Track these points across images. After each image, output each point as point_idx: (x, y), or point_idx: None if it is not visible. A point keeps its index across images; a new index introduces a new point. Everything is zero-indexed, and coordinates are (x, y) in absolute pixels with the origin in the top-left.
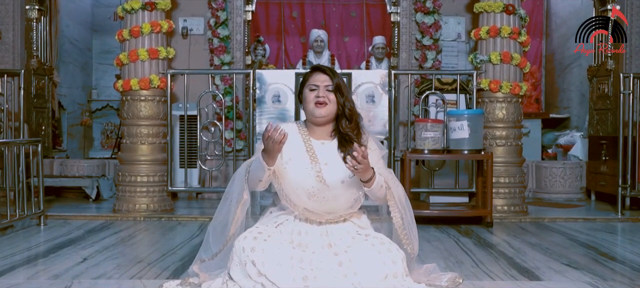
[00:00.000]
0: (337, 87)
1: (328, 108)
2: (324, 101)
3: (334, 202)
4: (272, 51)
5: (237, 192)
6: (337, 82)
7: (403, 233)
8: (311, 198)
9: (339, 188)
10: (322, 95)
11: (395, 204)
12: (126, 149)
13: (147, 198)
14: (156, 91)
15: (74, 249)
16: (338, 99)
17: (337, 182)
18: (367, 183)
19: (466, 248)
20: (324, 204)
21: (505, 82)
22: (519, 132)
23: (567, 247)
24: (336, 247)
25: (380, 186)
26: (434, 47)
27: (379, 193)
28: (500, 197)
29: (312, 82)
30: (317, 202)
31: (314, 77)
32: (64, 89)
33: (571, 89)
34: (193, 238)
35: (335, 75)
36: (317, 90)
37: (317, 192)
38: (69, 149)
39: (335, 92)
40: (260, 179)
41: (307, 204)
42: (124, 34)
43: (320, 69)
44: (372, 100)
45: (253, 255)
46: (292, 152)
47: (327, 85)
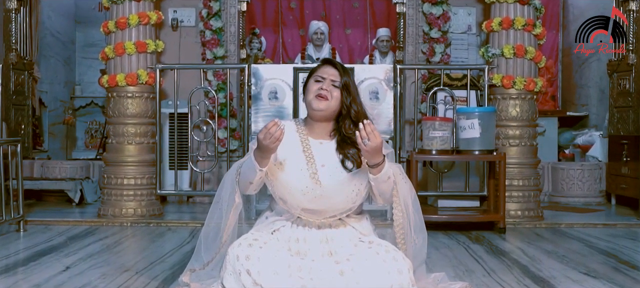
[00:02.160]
0: (345, 85)
1: (328, 103)
2: (326, 95)
3: (329, 200)
4: (268, 44)
5: (228, 195)
6: (346, 80)
7: (400, 234)
8: (305, 195)
9: (335, 189)
10: (325, 88)
11: (399, 203)
12: (112, 150)
13: (135, 202)
14: (144, 87)
15: (56, 257)
16: (343, 98)
17: (333, 184)
18: (375, 169)
19: (477, 256)
20: (319, 203)
21: (519, 78)
22: (533, 131)
23: (586, 255)
24: (337, 254)
25: (387, 177)
26: (442, 40)
27: (384, 187)
28: (514, 201)
29: (320, 74)
30: (312, 202)
31: (323, 69)
32: (45, 85)
33: (590, 85)
34: (184, 245)
35: (346, 73)
36: (322, 83)
37: (312, 191)
38: (51, 150)
39: (341, 90)
40: (250, 181)
41: (302, 203)
42: (110, 25)
43: (331, 62)
44: (376, 97)
45: (248, 263)
46: (288, 151)
47: (333, 80)
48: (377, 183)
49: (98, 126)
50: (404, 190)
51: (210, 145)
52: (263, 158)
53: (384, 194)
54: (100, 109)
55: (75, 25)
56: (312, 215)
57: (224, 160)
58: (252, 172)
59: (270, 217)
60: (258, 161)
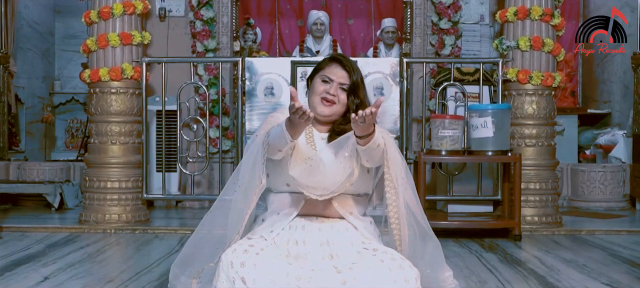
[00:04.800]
0: (353, 88)
1: (334, 108)
2: (333, 100)
3: (324, 173)
4: (264, 36)
5: (250, 171)
6: (356, 80)
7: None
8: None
9: (330, 161)
10: (332, 94)
11: (389, 173)
12: (94, 150)
13: (119, 207)
14: (129, 82)
15: (34, 267)
16: (350, 102)
17: (328, 157)
18: (364, 140)
19: (490, 266)
20: (312, 174)
21: (535, 72)
22: (551, 130)
23: (608, 264)
24: (339, 260)
25: (376, 145)
26: (452, 31)
27: (373, 153)
28: (530, 206)
29: (327, 74)
30: (309, 174)
31: (331, 68)
32: (22, 80)
33: (612, 80)
34: (172, 254)
35: (355, 73)
36: (329, 85)
37: (309, 160)
38: (28, 150)
39: (348, 93)
40: (280, 149)
41: (301, 176)
42: (92, 15)
43: (341, 61)
44: (380, 93)
45: (243, 271)
46: None
47: (342, 83)
48: (366, 152)
49: (79, 125)
50: (395, 159)
51: (201, 146)
52: (296, 132)
53: (373, 158)
54: (82, 106)
55: (55, 15)
56: (317, 190)
57: (215, 162)
58: (282, 141)
59: (268, 218)
60: (289, 132)
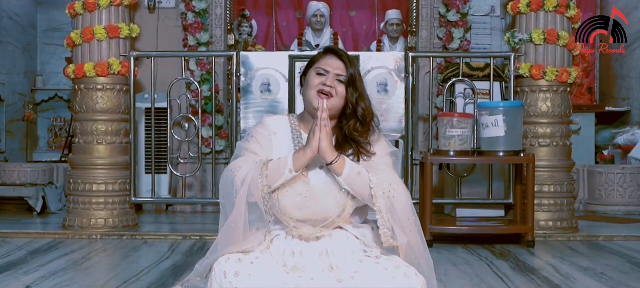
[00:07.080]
0: (351, 80)
1: (332, 102)
2: (330, 92)
3: (318, 203)
4: (260, 29)
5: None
6: (353, 72)
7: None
8: (296, 199)
9: (322, 190)
10: (329, 85)
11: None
12: (79, 151)
13: (106, 211)
14: (116, 78)
15: (15, 275)
16: (349, 95)
17: (320, 184)
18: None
19: (502, 274)
20: (308, 206)
21: (550, 67)
22: (567, 130)
23: (627, 273)
24: (339, 271)
25: (357, 173)
26: (461, 24)
27: (357, 188)
28: (544, 210)
29: (322, 66)
30: (302, 207)
31: (326, 60)
32: (2, 75)
33: (632, 75)
34: (162, 261)
35: (353, 65)
36: (325, 77)
37: (301, 193)
38: (8, 151)
39: (347, 86)
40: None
41: (293, 212)
42: (77, 7)
43: (335, 52)
44: (384, 90)
45: (237, 281)
46: (282, 152)
47: (339, 74)
48: (349, 184)
49: (63, 123)
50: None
51: (193, 146)
52: (305, 158)
53: (363, 196)
54: (66, 104)
55: (37, 7)
56: (306, 226)
57: (208, 163)
58: (278, 175)
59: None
60: (295, 160)
